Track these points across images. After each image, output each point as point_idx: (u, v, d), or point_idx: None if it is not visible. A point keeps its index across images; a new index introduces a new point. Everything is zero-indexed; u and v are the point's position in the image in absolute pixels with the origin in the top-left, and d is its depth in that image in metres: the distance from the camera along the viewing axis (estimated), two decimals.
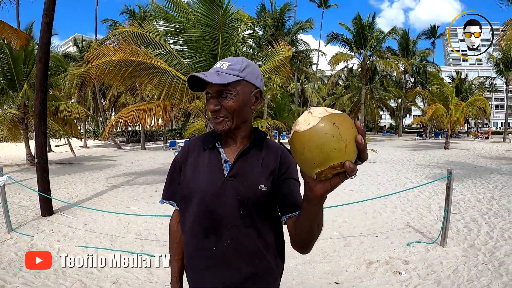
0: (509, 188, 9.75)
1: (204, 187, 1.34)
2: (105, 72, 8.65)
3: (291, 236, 1.25)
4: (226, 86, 1.29)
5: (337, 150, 0.76)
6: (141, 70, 8.76)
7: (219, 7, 7.78)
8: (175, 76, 8.76)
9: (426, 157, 19.66)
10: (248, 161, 1.38)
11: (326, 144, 0.76)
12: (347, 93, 46.33)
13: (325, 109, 0.80)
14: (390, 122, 78.86)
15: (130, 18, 29.25)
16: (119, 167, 16.49)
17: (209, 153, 1.42)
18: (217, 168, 1.37)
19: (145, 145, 30.56)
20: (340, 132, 0.76)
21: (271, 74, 9.95)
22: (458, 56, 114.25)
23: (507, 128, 40.30)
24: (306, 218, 1.08)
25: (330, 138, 0.76)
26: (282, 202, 1.36)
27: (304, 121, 0.80)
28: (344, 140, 0.77)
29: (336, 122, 0.77)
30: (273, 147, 1.45)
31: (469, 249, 5.10)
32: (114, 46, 8.86)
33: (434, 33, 53.86)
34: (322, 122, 0.77)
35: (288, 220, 1.33)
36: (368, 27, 34.48)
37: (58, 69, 18.85)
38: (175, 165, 1.51)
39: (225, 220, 1.32)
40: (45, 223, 6.65)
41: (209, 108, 1.32)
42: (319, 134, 0.77)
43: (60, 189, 10.23)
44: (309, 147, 0.78)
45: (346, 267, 4.52)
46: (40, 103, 7.28)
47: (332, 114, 0.79)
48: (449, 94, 24.17)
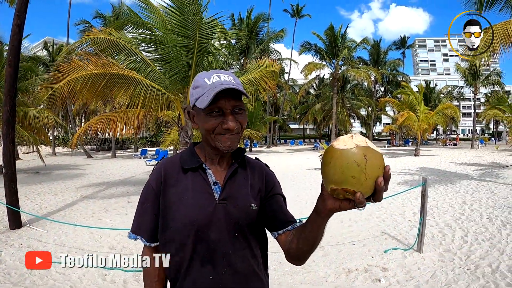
0: (479, 193, 10.03)
1: (194, 214, 1.24)
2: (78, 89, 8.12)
3: (289, 249, 1.26)
4: (240, 101, 1.24)
5: (355, 179, 0.82)
6: (115, 82, 8.34)
7: (196, 16, 7.63)
8: (149, 86, 8.49)
9: (397, 164, 20.07)
10: (237, 181, 1.33)
11: (349, 168, 0.82)
12: (318, 102, 46.92)
13: (366, 141, 0.86)
14: (360, 130, 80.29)
15: (102, 23, 28.78)
16: (89, 176, 16.08)
17: (192, 176, 1.30)
18: (206, 192, 1.27)
19: (115, 154, 29.98)
20: (366, 165, 0.82)
21: (249, 86, 9.82)
22: (426, 66, 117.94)
23: (475, 134, 41.73)
24: (312, 229, 1.10)
25: (354, 166, 0.82)
26: (273, 219, 1.34)
27: (343, 141, 0.86)
28: (366, 174, 0.82)
29: (367, 156, 0.83)
30: (256, 164, 1.44)
31: (445, 253, 5.19)
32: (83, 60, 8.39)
33: (404, 44, 55.33)
34: (356, 149, 0.83)
35: (281, 235, 1.32)
36: (340, 38, 35.08)
37: (27, 73, 18.29)
38: (147, 194, 1.32)
39: (220, 246, 1.25)
40: (14, 236, 6.36)
41: (230, 126, 1.20)
42: (348, 157, 0.83)
43: (28, 200, 9.85)
44: (335, 164, 0.84)
45: (326, 277, 4.50)
46: (9, 109, 6.97)
47: (368, 148, 0.84)
48: (416, 103, 24.84)
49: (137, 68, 9.17)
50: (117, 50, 8.96)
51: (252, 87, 9.83)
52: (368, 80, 35.62)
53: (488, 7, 12.93)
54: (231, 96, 1.20)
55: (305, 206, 8.78)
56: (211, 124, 1.21)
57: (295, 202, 9.24)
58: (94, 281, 4.39)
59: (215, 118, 1.21)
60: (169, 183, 1.29)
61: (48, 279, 4.37)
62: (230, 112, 1.21)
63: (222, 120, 1.21)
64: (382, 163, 0.85)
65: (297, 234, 1.22)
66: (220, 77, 1.23)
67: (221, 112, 1.21)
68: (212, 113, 1.21)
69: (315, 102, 50.00)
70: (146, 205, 1.31)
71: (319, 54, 35.68)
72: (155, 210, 1.30)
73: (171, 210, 1.26)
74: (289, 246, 1.26)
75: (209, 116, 1.22)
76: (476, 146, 39.35)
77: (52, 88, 8.27)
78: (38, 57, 30.68)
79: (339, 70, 35.90)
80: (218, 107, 1.20)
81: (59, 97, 8.22)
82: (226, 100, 1.20)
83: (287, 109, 52.83)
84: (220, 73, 1.25)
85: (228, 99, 1.20)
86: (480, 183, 11.83)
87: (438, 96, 50.28)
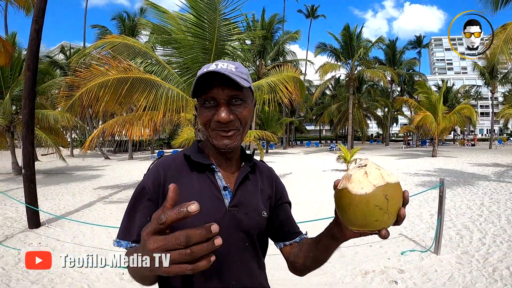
0: (498, 194, 9.84)
1: (201, 222, 0.96)
2: (100, 95, 7.73)
3: (294, 263, 1.24)
4: (240, 91, 1.09)
5: (379, 221, 0.80)
6: (137, 86, 8.13)
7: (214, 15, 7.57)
8: (170, 89, 8.44)
9: (414, 165, 19.80)
10: (248, 187, 1.20)
11: (372, 214, 0.79)
12: (334, 103, 46.72)
13: (382, 175, 0.81)
14: (377, 131, 79.68)
15: (119, 25, 29.17)
16: (106, 177, 16.30)
17: (198, 177, 1.14)
18: (215, 197, 1.13)
19: (132, 155, 30.28)
20: (388, 206, 0.79)
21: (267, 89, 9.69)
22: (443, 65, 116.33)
23: (493, 135, 40.96)
24: (324, 252, 1.10)
25: (377, 211, 0.78)
26: (280, 229, 1.29)
27: (358, 182, 0.80)
28: (389, 213, 0.79)
29: (388, 195, 0.79)
30: (264, 169, 1.34)
31: (463, 256, 5.11)
32: (103, 65, 8.26)
33: (420, 43, 54.72)
34: (376, 191, 0.78)
35: (287, 246, 1.29)
36: (356, 38, 34.90)
37: (45, 76, 18.63)
38: (140, 196, 1.10)
39: (228, 257, 1.12)
40: (33, 236, 6.49)
41: (220, 117, 1.06)
42: (369, 204, 0.78)
43: (47, 200, 10.03)
44: (355, 210, 0.80)
45: (342, 278, 4.48)
46: (28, 112, 7.12)
47: (387, 185, 0.79)
48: (436, 103, 24.46)
49: (154, 71, 9.19)
50: (133, 53, 8.92)
51: (270, 91, 9.70)
52: (384, 80, 35.30)
53: (504, 3, 12.74)
54: (227, 84, 1.05)
55: (321, 207, 8.74)
56: (204, 117, 1.09)
57: (311, 204, 9.21)
58: (111, 280, 4.44)
59: (209, 110, 1.09)
60: (170, 182, 1.03)
61: (66, 278, 4.45)
62: (225, 103, 1.07)
63: (215, 112, 1.08)
64: (401, 193, 0.83)
65: (305, 251, 1.19)
66: (218, 65, 1.07)
67: (215, 102, 1.08)
68: (205, 104, 1.09)
69: (331, 103, 49.88)
70: (137, 208, 1.10)
71: (335, 55, 35.61)
72: (150, 213, 1.00)
73: None
74: (294, 260, 1.24)
75: (203, 107, 1.10)
76: (495, 146, 38.60)
77: (73, 96, 8.00)
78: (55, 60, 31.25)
79: (355, 70, 35.73)
80: (211, 96, 1.07)
81: (80, 106, 8.06)
82: (220, 89, 1.06)
83: (303, 110, 52.68)
84: (221, 62, 1.09)
85: (222, 88, 1.06)
86: (498, 184, 11.61)
87: (455, 96, 49.53)
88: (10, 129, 16.50)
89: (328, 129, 68.81)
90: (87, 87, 7.79)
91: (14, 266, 4.90)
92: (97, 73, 7.97)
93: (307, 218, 7.04)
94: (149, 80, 8.25)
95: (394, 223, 0.84)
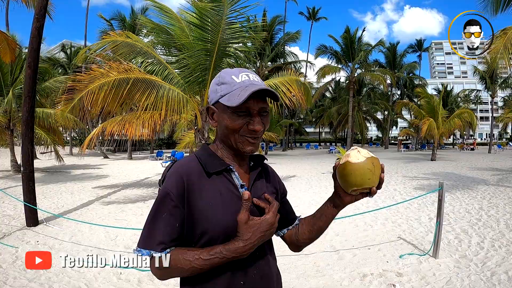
0: (497, 198, 9.85)
1: (226, 222, 1.14)
2: (102, 97, 7.72)
3: (297, 240, 1.43)
4: (266, 103, 1.21)
5: (370, 180, 1.15)
6: (139, 87, 8.08)
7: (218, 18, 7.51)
8: (171, 89, 8.36)
9: (414, 168, 19.82)
10: (259, 183, 1.31)
11: (366, 174, 1.14)
12: (334, 105, 46.74)
13: (368, 152, 1.18)
14: (376, 134, 79.69)
15: (120, 25, 29.13)
16: (106, 177, 16.29)
17: (216, 179, 1.20)
18: (235, 196, 1.19)
19: (132, 155, 30.26)
20: (375, 169, 1.16)
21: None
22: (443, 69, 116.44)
23: (492, 139, 40.98)
24: (326, 220, 1.33)
25: (368, 172, 1.14)
26: (284, 218, 1.44)
27: (355, 156, 1.16)
28: (375, 174, 1.16)
29: (374, 162, 1.16)
30: (267, 166, 1.46)
31: (461, 260, 5.11)
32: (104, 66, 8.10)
33: (420, 47, 54.80)
34: (367, 160, 1.15)
35: (288, 231, 1.46)
36: (356, 41, 34.95)
37: (45, 75, 18.61)
38: (164, 203, 1.14)
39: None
40: (31, 234, 6.48)
41: (257, 128, 1.16)
42: (364, 167, 1.14)
43: (45, 199, 10.02)
44: (355, 173, 1.15)
45: (340, 281, 4.47)
46: (28, 110, 7.12)
47: (372, 157, 1.17)
48: (436, 106, 24.50)
49: (155, 70, 9.14)
50: (135, 52, 8.92)
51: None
52: (384, 84, 35.37)
53: (505, 7, 12.73)
54: (260, 97, 1.17)
55: None
56: (237, 124, 1.17)
57: (310, 205, 9.22)
58: (109, 279, 4.43)
59: (242, 118, 1.17)
60: (193, 188, 1.16)
61: (63, 276, 4.43)
62: (257, 114, 1.18)
63: (249, 121, 1.17)
64: (379, 163, 1.19)
65: (308, 226, 1.40)
66: (249, 76, 1.20)
67: (247, 112, 1.17)
68: (239, 113, 1.16)
69: (331, 105, 49.87)
70: (161, 214, 1.14)
71: (335, 57, 35.64)
72: (177, 220, 1.14)
73: (200, 218, 1.14)
74: (297, 238, 1.43)
75: (235, 115, 1.17)
76: (494, 151, 38.65)
77: (74, 99, 7.93)
78: (56, 59, 31.20)
79: (355, 73, 35.75)
80: (246, 107, 1.15)
81: (82, 108, 8.07)
82: (255, 101, 1.16)
83: (303, 113, 52.69)
84: (248, 72, 1.22)
85: (257, 101, 1.16)
86: (497, 189, 11.62)
87: (455, 100, 49.59)
88: (10, 126, 16.48)
89: (327, 131, 68.87)
90: (88, 88, 7.76)
91: (12, 264, 4.89)
92: (97, 75, 7.93)
93: None
94: (150, 81, 8.21)
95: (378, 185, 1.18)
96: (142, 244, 1.14)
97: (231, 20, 7.80)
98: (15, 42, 11.60)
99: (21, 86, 15.05)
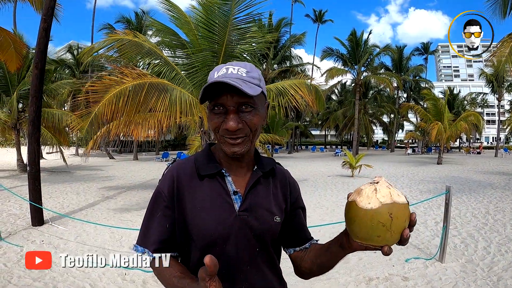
0: (503, 202, 9.77)
1: (212, 228, 1.08)
2: (120, 105, 7.36)
3: (301, 267, 1.25)
4: (248, 98, 1.04)
5: (381, 238, 0.85)
6: (154, 91, 7.81)
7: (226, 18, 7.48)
8: (181, 92, 8.14)
9: (420, 172, 19.71)
10: (259, 190, 1.18)
11: (374, 229, 0.84)
12: (340, 108, 46.66)
13: (390, 194, 0.85)
14: (382, 137, 79.50)
15: (126, 27, 29.26)
16: (111, 177, 16.36)
17: (208, 182, 1.14)
18: (225, 202, 1.12)
19: (137, 156, 30.35)
20: (392, 224, 0.83)
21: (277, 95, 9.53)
22: (450, 72, 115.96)
23: (499, 143, 40.72)
24: (331, 259, 1.11)
25: (380, 227, 0.83)
26: (292, 235, 1.28)
27: (366, 197, 0.85)
28: (392, 232, 0.84)
29: (393, 214, 0.83)
30: (278, 171, 1.29)
31: (467, 264, 5.07)
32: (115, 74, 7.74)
33: (427, 50, 54.56)
34: (381, 208, 0.83)
35: (295, 252, 1.28)
36: (363, 43, 34.88)
37: (52, 75, 18.72)
38: (157, 202, 1.14)
39: (239, 262, 1.12)
40: (36, 233, 6.50)
41: (228, 126, 1.04)
42: (373, 219, 0.83)
43: (51, 198, 10.07)
44: (359, 223, 0.86)
45: (346, 284, 4.44)
46: (35, 109, 7.17)
47: (394, 204, 0.83)
48: (443, 109, 24.40)
49: (162, 72, 9.02)
50: (141, 53, 8.79)
51: (279, 94, 9.56)
52: (390, 87, 35.23)
53: None
54: (236, 91, 1.01)
55: (326, 213, 8.71)
56: (213, 123, 1.08)
57: (316, 209, 9.18)
58: (114, 280, 4.43)
59: (218, 116, 1.07)
60: (183, 190, 1.13)
61: (68, 276, 4.44)
62: (233, 110, 1.05)
63: (224, 119, 1.06)
64: (407, 215, 0.86)
65: (312, 257, 1.20)
66: (228, 69, 1.06)
67: (225, 109, 1.06)
68: (215, 110, 1.08)
69: (337, 108, 49.79)
70: (155, 214, 1.13)
71: (341, 60, 35.59)
72: (168, 220, 1.12)
73: (187, 222, 1.11)
74: (300, 264, 1.25)
75: (212, 113, 1.09)
76: (501, 154, 38.36)
77: (92, 112, 7.57)
78: (63, 60, 31.36)
79: (361, 76, 35.68)
80: (220, 103, 1.05)
81: (101, 122, 7.84)
82: (229, 96, 1.03)
83: (309, 115, 52.56)
84: (231, 65, 1.08)
85: (232, 95, 1.03)
86: (504, 193, 11.53)
87: (461, 103, 49.33)
88: (16, 126, 16.59)
89: (333, 134, 68.73)
90: (106, 98, 7.39)
91: (16, 263, 4.90)
92: (112, 83, 7.63)
93: (311, 223, 7.01)
94: (163, 84, 8.04)
95: (398, 242, 0.89)
96: (139, 241, 1.14)
97: (240, 18, 7.76)
98: (23, 42, 11.60)
99: (28, 87, 15.13)
